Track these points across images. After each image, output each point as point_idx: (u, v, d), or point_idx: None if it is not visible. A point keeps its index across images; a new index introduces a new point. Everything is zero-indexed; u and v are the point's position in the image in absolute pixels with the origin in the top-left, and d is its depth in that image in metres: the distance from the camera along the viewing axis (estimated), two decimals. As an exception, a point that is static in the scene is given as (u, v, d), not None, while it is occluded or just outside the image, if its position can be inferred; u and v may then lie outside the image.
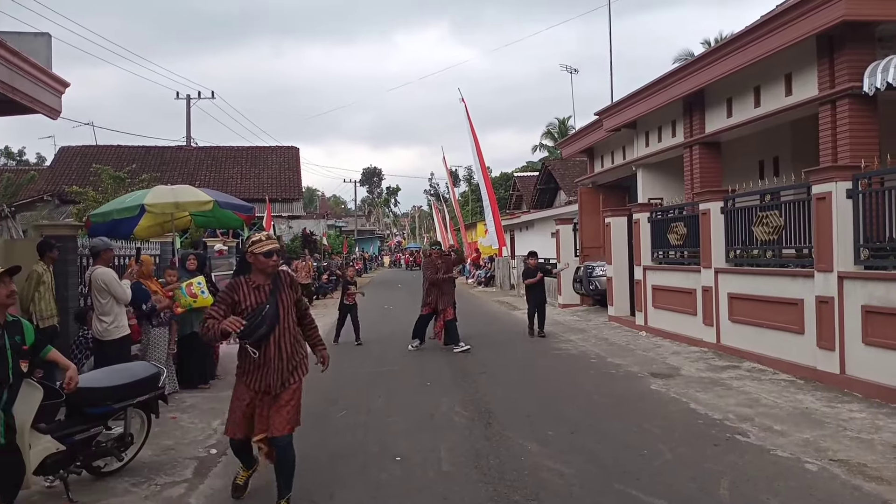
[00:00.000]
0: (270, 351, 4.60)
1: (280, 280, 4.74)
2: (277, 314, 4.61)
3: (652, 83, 13.62)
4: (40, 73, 8.33)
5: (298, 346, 4.80)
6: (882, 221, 7.49)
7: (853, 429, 6.25)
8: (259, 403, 4.65)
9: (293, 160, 31.54)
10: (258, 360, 4.59)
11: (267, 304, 4.59)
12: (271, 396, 4.63)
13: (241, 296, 4.61)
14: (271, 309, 4.58)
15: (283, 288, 4.73)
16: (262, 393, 4.63)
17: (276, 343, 4.61)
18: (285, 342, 4.65)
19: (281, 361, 4.62)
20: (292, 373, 4.70)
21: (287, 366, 4.65)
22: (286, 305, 4.69)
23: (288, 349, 4.66)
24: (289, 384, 4.66)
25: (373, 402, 8.03)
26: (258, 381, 4.61)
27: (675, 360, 10.11)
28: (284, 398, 4.64)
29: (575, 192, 23.88)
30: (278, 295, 4.66)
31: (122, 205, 9.17)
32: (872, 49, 8.94)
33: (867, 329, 7.48)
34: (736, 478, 5.07)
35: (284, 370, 4.64)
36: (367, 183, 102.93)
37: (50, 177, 27.67)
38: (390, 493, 5.00)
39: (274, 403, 4.62)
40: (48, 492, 5.14)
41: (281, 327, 4.63)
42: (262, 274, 4.67)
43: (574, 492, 4.91)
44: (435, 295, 11.85)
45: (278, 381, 4.62)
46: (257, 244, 4.64)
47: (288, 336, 4.68)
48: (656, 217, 13.25)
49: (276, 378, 4.61)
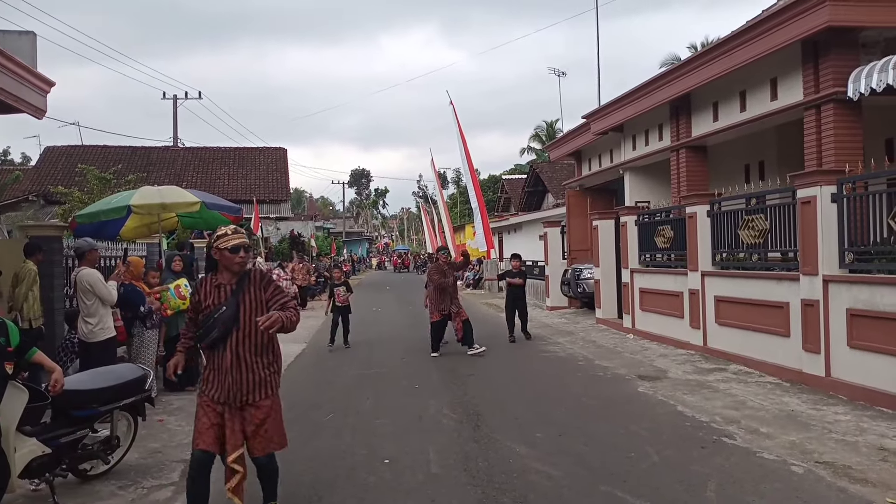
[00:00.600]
0: (226, 359, 4.13)
1: (248, 280, 4.27)
2: (235, 317, 4.14)
3: (639, 87, 13.69)
4: (25, 72, 8.26)
5: (267, 355, 4.27)
6: (866, 225, 7.57)
7: (838, 431, 6.30)
8: (229, 416, 4.17)
9: (281, 161, 31.48)
10: (215, 369, 4.18)
11: (224, 306, 4.15)
12: (240, 412, 4.18)
13: (202, 295, 4.26)
14: (228, 311, 4.13)
15: (250, 289, 4.24)
16: (223, 405, 4.17)
17: (232, 350, 4.14)
18: (245, 350, 4.16)
19: (239, 372, 4.13)
20: (258, 388, 4.19)
21: (248, 378, 4.15)
22: (250, 308, 4.19)
23: (248, 359, 4.16)
24: (253, 400, 4.17)
25: (360, 404, 8.01)
26: (214, 390, 4.16)
27: (662, 363, 10.16)
28: (257, 417, 4.18)
29: (563, 194, 23.96)
30: (240, 296, 4.20)
31: (109, 205, 9.12)
32: (857, 55, 9.03)
33: (852, 332, 7.55)
34: (722, 480, 5.10)
35: (245, 382, 4.14)
36: (356, 184, 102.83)
37: (35, 177, 27.46)
38: (378, 496, 4.99)
39: (245, 422, 4.18)
40: (33, 495, 5.10)
41: (240, 333, 4.15)
42: (228, 272, 4.25)
43: (562, 494, 4.93)
44: (447, 301, 11.57)
45: (237, 393, 4.13)
46: (222, 238, 4.22)
47: (249, 344, 4.17)
48: (643, 220, 13.31)
49: (235, 390, 4.13)
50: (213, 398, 4.16)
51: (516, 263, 13.56)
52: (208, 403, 4.18)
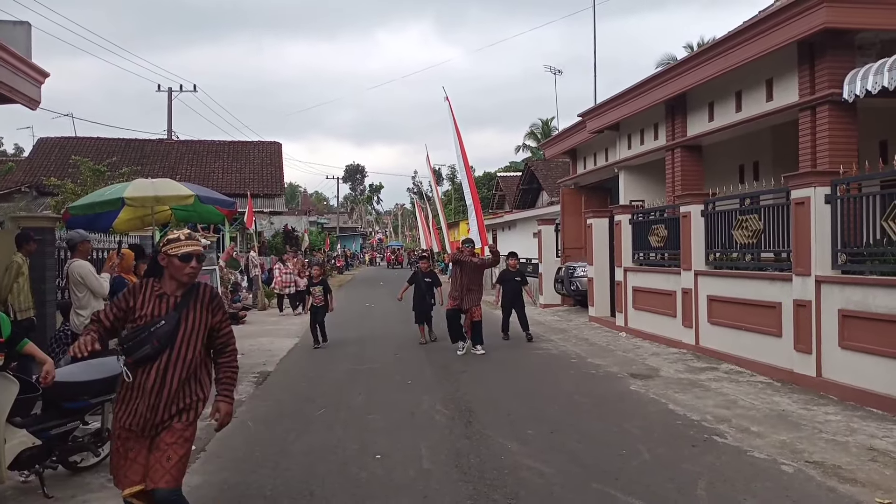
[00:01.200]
0: (149, 380, 3.57)
1: (196, 295, 3.75)
2: (173, 336, 3.60)
3: (635, 86, 13.71)
4: (19, 63, 8.20)
5: (195, 385, 3.72)
6: (859, 226, 7.59)
7: (829, 431, 6.33)
8: (135, 445, 3.61)
9: (275, 155, 31.41)
10: (133, 389, 3.61)
11: (163, 321, 3.60)
12: (147, 438, 3.62)
13: (138, 302, 3.67)
14: (166, 326, 3.59)
15: (196, 306, 3.72)
16: (132, 431, 3.61)
17: (159, 372, 3.58)
18: (174, 375, 3.60)
19: (159, 398, 3.58)
20: (181, 413, 3.65)
21: (168, 405, 3.60)
22: (191, 328, 3.67)
23: (174, 384, 3.61)
24: (165, 427, 3.62)
25: (352, 399, 8.00)
26: (127, 415, 3.60)
27: (654, 361, 10.18)
28: (166, 440, 3.59)
29: (557, 192, 23.97)
30: (184, 312, 3.67)
31: (102, 197, 9.06)
32: (852, 56, 9.06)
33: (844, 333, 7.58)
34: (713, 478, 5.12)
35: (161, 410, 3.59)
36: (350, 180, 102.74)
37: (28, 168, 27.30)
38: (370, 492, 4.99)
39: (152, 447, 3.60)
40: (23, 487, 5.07)
41: (174, 354, 3.60)
42: (174, 282, 3.72)
43: (554, 491, 4.93)
44: (461, 291, 11.33)
45: (151, 421, 3.58)
46: (173, 244, 3.70)
47: (181, 368, 3.62)
48: (637, 219, 13.34)
49: (150, 416, 3.57)
50: (123, 422, 3.61)
51: (513, 262, 13.20)
52: (122, 433, 3.63)
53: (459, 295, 11.39)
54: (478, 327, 11.30)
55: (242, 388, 8.62)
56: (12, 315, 7.63)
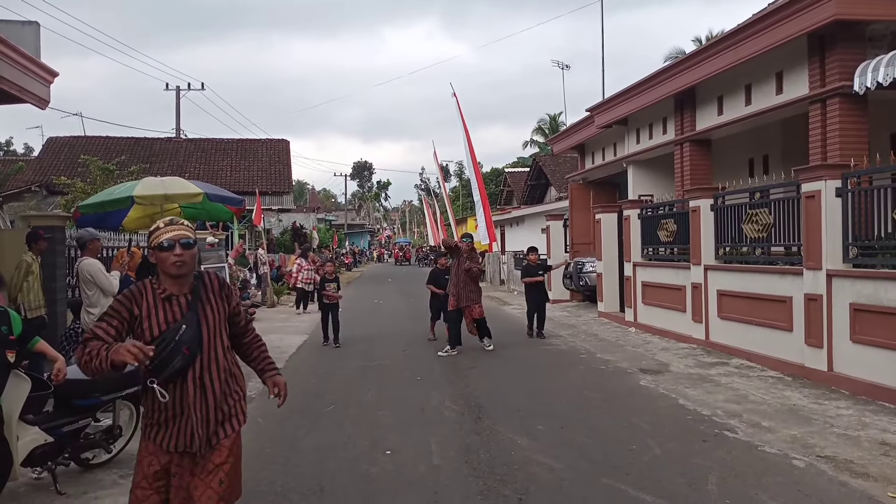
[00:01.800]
0: (189, 394, 3.13)
1: (205, 287, 3.28)
2: (199, 338, 3.14)
3: (643, 80, 13.65)
4: (28, 63, 8.25)
5: (233, 382, 3.34)
6: (871, 220, 7.54)
7: (840, 425, 6.30)
8: (177, 470, 3.16)
9: (283, 153, 31.44)
10: (172, 408, 3.13)
11: (183, 325, 3.12)
12: (192, 460, 3.18)
13: (143, 309, 3.15)
14: (190, 331, 3.11)
15: (210, 298, 3.27)
16: (179, 454, 3.17)
17: (197, 381, 3.15)
18: (213, 379, 3.20)
19: (206, 408, 3.16)
20: (223, 424, 3.24)
21: (215, 414, 3.20)
22: (213, 325, 3.23)
23: (217, 389, 3.21)
24: (217, 439, 3.22)
25: (362, 395, 8.02)
26: (173, 438, 3.14)
27: (664, 357, 10.15)
28: (214, 461, 3.18)
29: (565, 188, 23.93)
30: (200, 310, 3.19)
31: (112, 196, 9.09)
32: (863, 48, 8.99)
33: (855, 327, 7.53)
34: (724, 473, 5.10)
35: (212, 420, 3.19)
36: (358, 177, 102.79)
37: (38, 167, 27.44)
38: (381, 487, 5.00)
39: (198, 470, 3.17)
40: (36, 483, 5.11)
41: (206, 358, 3.18)
42: (169, 278, 3.19)
43: (563, 486, 4.93)
44: (458, 287, 10.94)
45: (203, 435, 3.16)
46: (154, 234, 3.20)
47: (216, 369, 3.21)
48: (646, 214, 13.29)
49: (201, 432, 3.15)
50: (172, 446, 3.15)
51: (534, 257, 12.91)
52: (157, 455, 3.16)
53: (456, 291, 11.02)
54: (482, 324, 11.11)
55: (252, 384, 8.65)
56: (23, 313, 7.69)
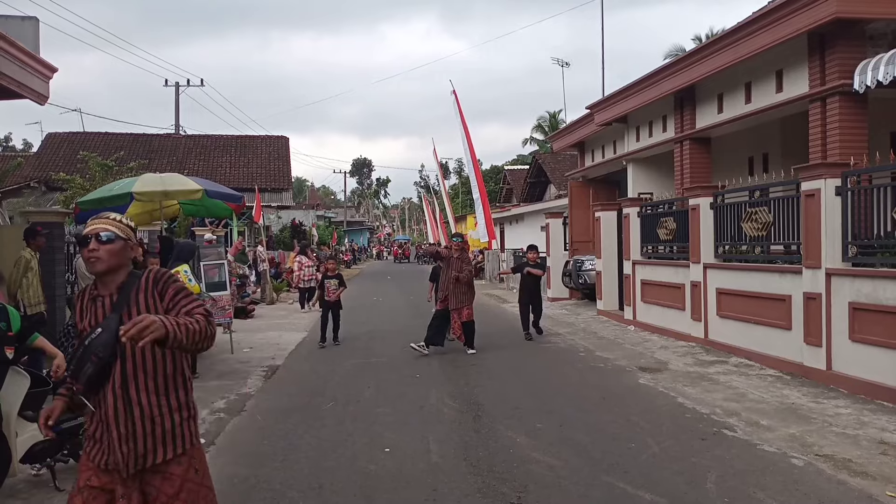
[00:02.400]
0: (109, 406, 2.78)
1: (137, 287, 2.87)
2: (115, 343, 2.69)
3: (643, 78, 13.63)
4: (28, 58, 8.23)
5: (173, 394, 2.88)
6: (870, 218, 7.54)
7: (839, 424, 6.30)
8: (124, 494, 2.79)
9: (283, 150, 31.43)
10: (98, 421, 2.83)
11: (98, 329, 2.76)
12: (138, 487, 2.80)
13: (77, 311, 2.97)
14: (103, 336, 2.73)
15: (139, 298, 2.85)
16: (124, 478, 2.79)
17: (118, 392, 2.77)
18: (139, 390, 2.79)
19: (131, 423, 2.77)
20: (161, 444, 2.81)
21: (143, 430, 2.78)
22: None
23: (145, 402, 2.79)
24: (155, 462, 2.80)
25: (361, 392, 8.02)
26: (101, 454, 2.81)
27: (663, 355, 10.16)
28: (166, 491, 2.81)
29: (565, 185, 23.92)
30: (125, 313, 2.80)
31: (111, 192, 9.11)
32: (863, 47, 8.98)
33: (854, 326, 7.54)
34: (723, 472, 5.11)
35: (139, 438, 2.78)
36: (357, 174, 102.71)
37: (36, 163, 27.43)
38: (379, 484, 5.00)
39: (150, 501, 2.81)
40: (35, 479, 5.10)
41: (129, 366, 2.79)
42: (98, 278, 2.92)
43: (562, 484, 4.93)
44: (447, 289, 10.67)
45: (129, 454, 2.76)
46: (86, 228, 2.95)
47: (144, 380, 2.80)
48: (646, 212, 13.29)
49: (124, 449, 2.76)
50: (100, 464, 2.82)
51: (533, 255, 12.66)
52: (91, 474, 2.84)
53: (446, 293, 10.71)
54: (468, 328, 10.70)
55: (251, 381, 8.66)
56: (22, 309, 7.69)
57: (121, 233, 2.90)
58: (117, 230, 2.90)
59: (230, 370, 9.41)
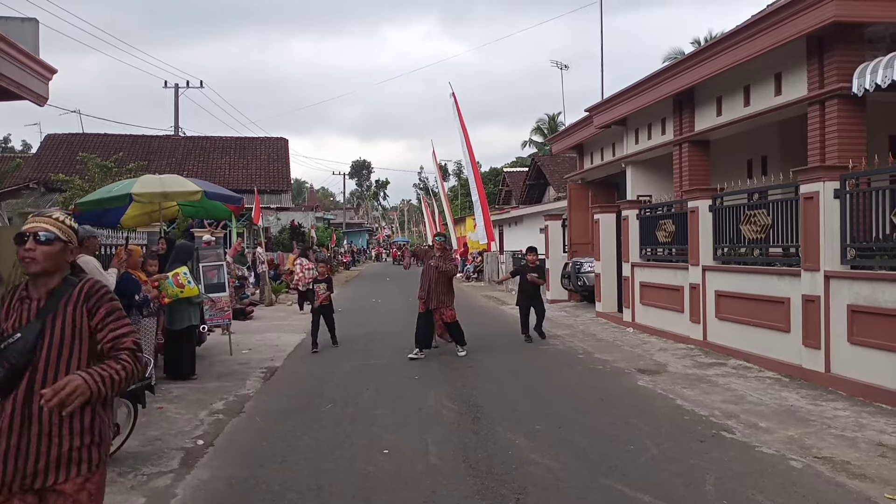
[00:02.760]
0: (6, 415, 2.62)
1: (69, 295, 2.73)
2: (31, 351, 2.62)
3: (642, 81, 13.65)
4: (27, 59, 8.22)
5: (77, 419, 2.65)
6: (869, 221, 7.55)
7: (837, 427, 6.31)
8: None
9: (282, 151, 31.40)
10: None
11: (18, 333, 2.64)
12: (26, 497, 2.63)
13: (4, 309, 2.77)
14: (21, 341, 2.62)
15: (66, 308, 2.71)
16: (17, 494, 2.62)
17: (19, 403, 2.62)
18: (41, 407, 2.53)
19: (26, 439, 2.61)
20: (56, 467, 2.62)
21: (38, 448, 2.61)
22: (59, 340, 2.67)
23: (46, 419, 2.61)
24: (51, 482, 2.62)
25: (360, 394, 8.01)
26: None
27: (661, 357, 10.16)
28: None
29: (564, 188, 23.93)
30: (49, 318, 2.67)
31: (110, 193, 9.11)
32: (862, 50, 8.99)
33: (853, 328, 7.55)
34: (721, 474, 5.11)
35: (32, 455, 2.60)
36: (356, 176, 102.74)
37: (36, 164, 27.39)
38: (378, 487, 5.00)
39: None
40: None
41: (39, 378, 2.62)
42: (30, 279, 2.77)
43: (561, 486, 4.93)
44: (427, 289, 10.57)
45: (22, 470, 2.60)
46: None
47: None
48: (645, 214, 13.30)
49: (13, 467, 2.59)
50: None
51: (532, 258, 12.55)
52: None
53: (426, 294, 10.59)
54: (454, 328, 10.65)
55: (250, 383, 8.65)
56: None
57: (62, 234, 2.76)
58: (58, 231, 2.75)
59: (229, 371, 9.41)
